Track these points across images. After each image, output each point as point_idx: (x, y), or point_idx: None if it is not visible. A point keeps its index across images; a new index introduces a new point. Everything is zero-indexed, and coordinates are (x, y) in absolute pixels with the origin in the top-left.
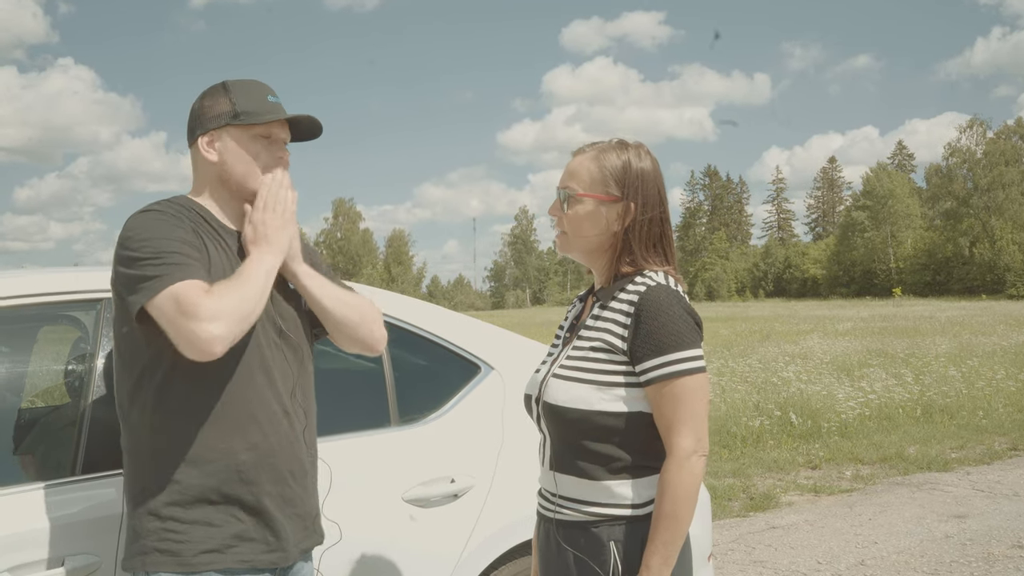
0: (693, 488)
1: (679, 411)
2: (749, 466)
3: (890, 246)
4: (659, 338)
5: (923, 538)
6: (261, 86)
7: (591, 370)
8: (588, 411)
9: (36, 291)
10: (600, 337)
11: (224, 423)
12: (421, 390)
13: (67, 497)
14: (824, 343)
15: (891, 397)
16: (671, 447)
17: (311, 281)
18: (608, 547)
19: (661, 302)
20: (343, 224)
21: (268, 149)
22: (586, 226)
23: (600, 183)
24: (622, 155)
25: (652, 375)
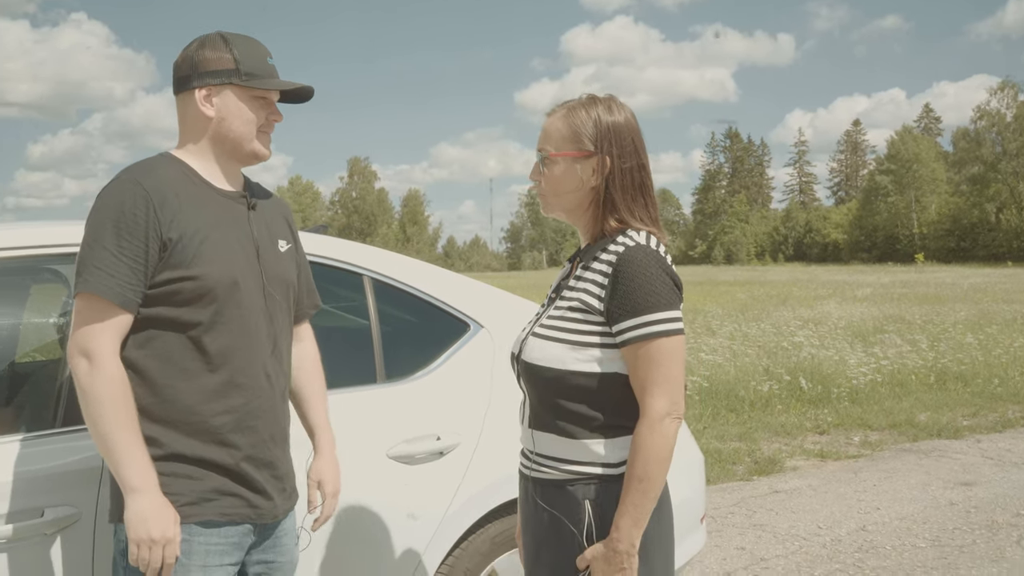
0: (665, 451)
1: (653, 373)
2: (756, 430)
3: (914, 211)
4: (635, 299)
5: (927, 504)
6: (260, 46)
7: (567, 330)
8: (562, 370)
9: (23, 243)
10: (578, 297)
11: (206, 387)
12: (409, 347)
13: (46, 449)
14: (841, 308)
15: (904, 363)
16: (645, 409)
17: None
18: (583, 505)
19: (639, 262)
20: (358, 183)
21: (264, 110)
22: (563, 184)
23: (571, 140)
24: (592, 110)
25: (627, 336)
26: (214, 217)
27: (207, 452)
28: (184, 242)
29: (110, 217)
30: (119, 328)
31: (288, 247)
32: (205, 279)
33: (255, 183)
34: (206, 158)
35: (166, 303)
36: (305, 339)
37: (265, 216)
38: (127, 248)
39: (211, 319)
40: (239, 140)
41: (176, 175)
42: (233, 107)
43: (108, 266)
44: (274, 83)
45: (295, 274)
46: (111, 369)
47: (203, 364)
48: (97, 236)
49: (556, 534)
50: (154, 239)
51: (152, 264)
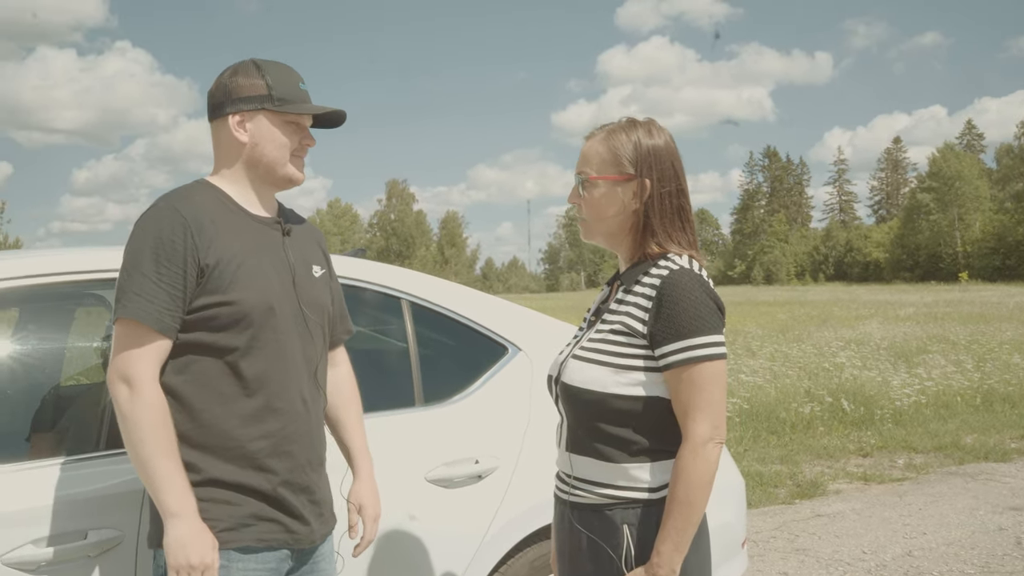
0: (708, 475)
1: (696, 397)
2: (797, 453)
3: (957, 229)
4: (680, 322)
5: (975, 530)
6: (292, 71)
7: (610, 352)
8: (604, 393)
9: (69, 269)
10: (620, 320)
11: (243, 412)
12: (447, 371)
13: (91, 472)
14: (883, 328)
15: (949, 384)
16: (687, 433)
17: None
18: (621, 530)
19: (684, 285)
20: (397, 205)
21: (297, 135)
22: (604, 208)
23: (612, 163)
24: (632, 133)
25: (671, 359)
26: (250, 243)
27: (245, 477)
28: (221, 268)
29: (148, 244)
30: (158, 354)
31: (322, 272)
32: (241, 304)
33: (289, 209)
34: (241, 184)
35: (203, 328)
36: (340, 363)
37: (299, 242)
38: (165, 274)
39: (247, 344)
40: (272, 165)
41: (212, 201)
42: (266, 132)
43: (147, 292)
44: (306, 108)
45: (329, 299)
46: (151, 395)
47: (240, 389)
48: (136, 263)
49: (594, 559)
50: (192, 265)
51: (190, 290)
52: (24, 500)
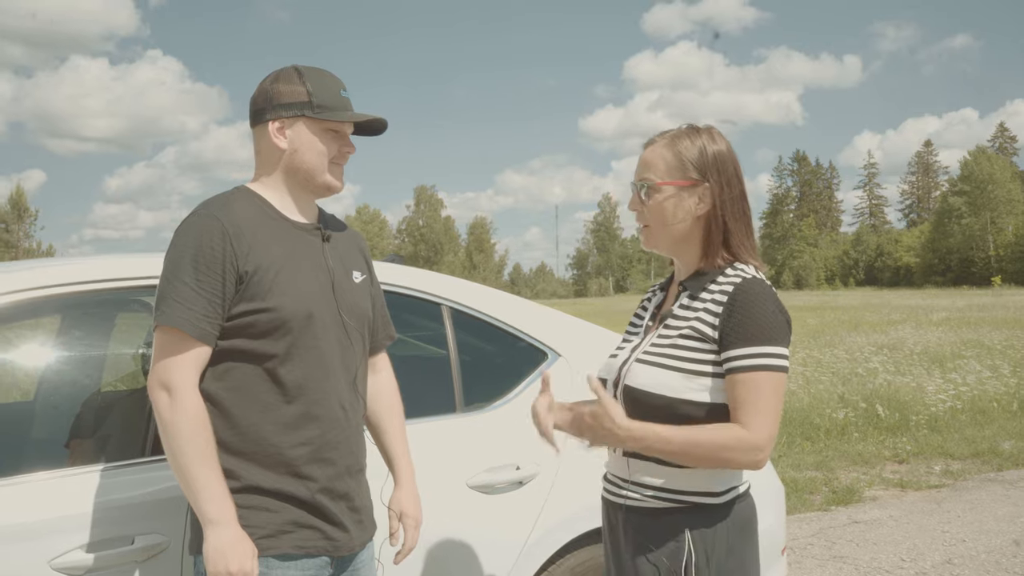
0: (732, 465)
1: (758, 402)
2: (832, 459)
3: (990, 233)
4: (749, 329)
5: (1016, 538)
6: (334, 78)
7: (680, 357)
8: (673, 398)
9: (117, 276)
10: (690, 325)
11: (282, 418)
12: (487, 376)
13: (137, 478)
14: (916, 333)
15: (985, 390)
16: (748, 431)
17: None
18: (683, 534)
19: (757, 294)
20: (425, 211)
21: (337, 142)
22: (669, 214)
23: (678, 169)
24: (696, 139)
25: (735, 364)
26: (289, 249)
27: (284, 484)
28: (260, 275)
29: (188, 251)
30: (198, 361)
31: (363, 278)
32: (280, 311)
33: (330, 215)
34: (280, 190)
35: (242, 335)
36: (382, 370)
37: (340, 248)
38: (205, 282)
39: (286, 351)
40: (311, 172)
41: (252, 208)
42: (305, 139)
43: (186, 299)
44: (346, 115)
45: (370, 305)
46: (191, 402)
47: (279, 396)
48: (176, 270)
49: (653, 563)
50: (231, 272)
51: (229, 297)
52: (72, 506)
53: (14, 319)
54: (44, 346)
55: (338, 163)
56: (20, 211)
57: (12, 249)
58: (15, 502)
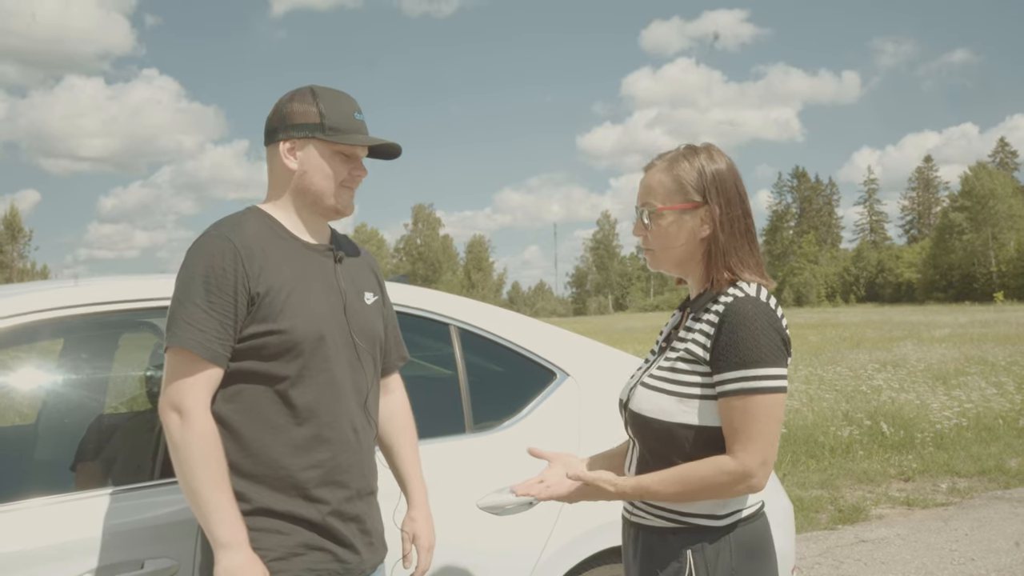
0: (730, 497)
1: (749, 427)
2: (837, 477)
3: (991, 248)
4: (739, 351)
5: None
6: (349, 100)
7: (675, 381)
8: (669, 423)
9: (118, 298)
10: (685, 347)
11: (293, 441)
12: (496, 397)
13: (146, 501)
14: (919, 350)
15: (990, 407)
16: (736, 459)
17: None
18: (685, 555)
19: (746, 314)
20: (423, 230)
21: (347, 166)
22: (672, 238)
23: (678, 192)
24: (694, 160)
25: (726, 388)
26: (300, 271)
27: (294, 507)
28: (271, 296)
29: (199, 273)
30: (209, 383)
31: (375, 299)
32: (291, 333)
33: (342, 236)
34: (290, 211)
35: (253, 357)
36: (394, 390)
37: (352, 269)
38: (216, 303)
39: (298, 373)
40: (319, 194)
41: (263, 229)
42: (315, 161)
43: (198, 321)
44: (357, 139)
45: (382, 327)
46: (202, 424)
47: (290, 418)
48: (187, 292)
49: None
50: (242, 293)
51: (241, 318)
52: (80, 530)
53: (16, 343)
54: (46, 369)
55: (348, 186)
56: (14, 231)
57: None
58: (23, 527)
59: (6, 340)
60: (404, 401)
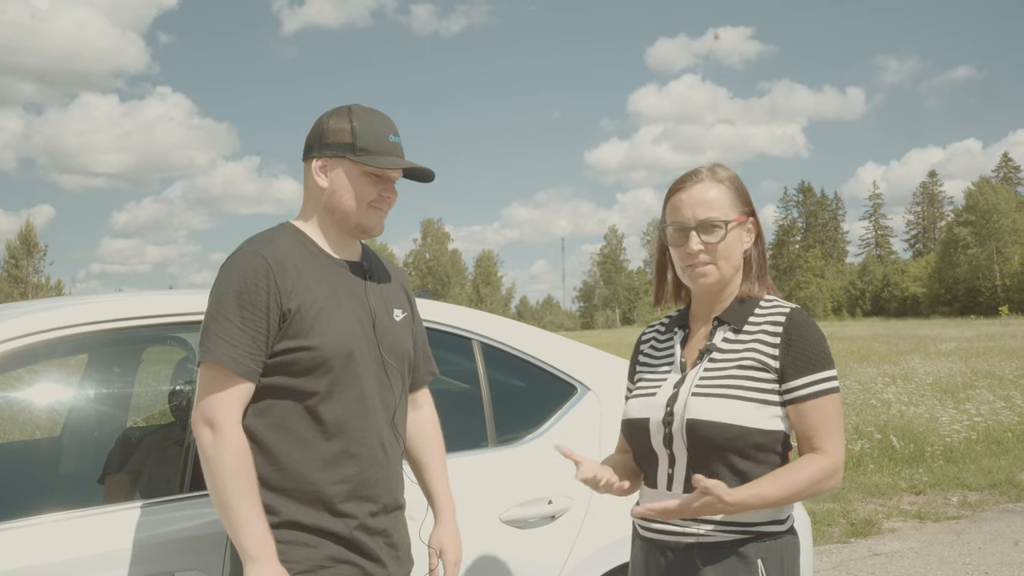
0: (825, 491)
1: (832, 424)
2: (849, 490)
3: (996, 263)
4: (810, 358)
5: None
6: (385, 122)
7: (745, 387)
8: (748, 427)
9: (143, 313)
10: (747, 356)
11: (322, 456)
12: (518, 411)
13: (176, 515)
14: (926, 364)
15: (999, 420)
16: (827, 452)
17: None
18: (756, 564)
19: (809, 323)
20: (432, 245)
21: (377, 187)
22: (735, 250)
23: (734, 206)
24: (729, 174)
25: (801, 392)
26: (331, 287)
27: (322, 520)
28: (302, 312)
29: (233, 288)
30: (241, 397)
31: (404, 316)
32: (322, 349)
33: (373, 252)
34: (322, 228)
35: (283, 373)
36: (423, 405)
37: (382, 285)
38: (249, 319)
39: (327, 389)
40: (347, 213)
41: (295, 245)
42: (344, 181)
43: (231, 336)
44: (386, 161)
45: (411, 343)
46: (234, 438)
47: (319, 433)
48: (220, 307)
49: None
50: (275, 310)
51: (273, 334)
52: (112, 542)
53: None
54: (72, 385)
55: (377, 207)
56: (29, 246)
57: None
58: (55, 538)
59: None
60: (433, 416)
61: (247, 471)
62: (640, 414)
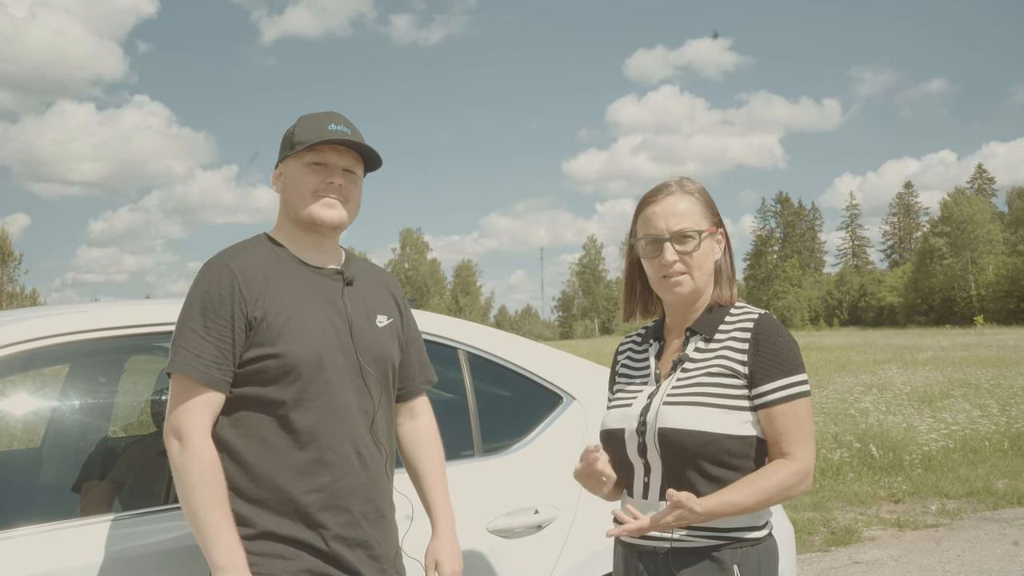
0: (795, 495)
1: (802, 428)
2: (829, 499)
3: (971, 273)
4: (778, 362)
5: (1016, 575)
6: (328, 115)
7: (715, 394)
8: (717, 434)
9: (126, 323)
10: (717, 363)
11: (295, 465)
12: (504, 420)
13: (159, 526)
14: (903, 373)
15: (976, 429)
16: (796, 457)
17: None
18: (732, 570)
19: (778, 327)
20: (411, 254)
21: (318, 175)
22: (708, 261)
23: (705, 217)
24: (699, 186)
25: (771, 397)
26: (303, 295)
27: (297, 531)
28: (268, 320)
29: (197, 299)
30: (209, 407)
31: (389, 322)
32: (289, 356)
33: (361, 259)
34: (290, 234)
35: (253, 382)
36: (421, 413)
37: (364, 291)
38: (213, 328)
39: (297, 397)
40: (295, 208)
41: (267, 255)
42: (291, 178)
43: (195, 347)
44: (311, 141)
45: (395, 349)
46: (200, 448)
47: (291, 442)
48: (186, 318)
49: None
50: (240, 319)
51: (239, 343)
52: (93, 554)
53: (22, 369)
54: (52, 396)
55: (322, 195)
56: (4, 255)
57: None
58: (36, 551)
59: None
60: (431, 425)
61: (216, 481)
62: (616, 424)
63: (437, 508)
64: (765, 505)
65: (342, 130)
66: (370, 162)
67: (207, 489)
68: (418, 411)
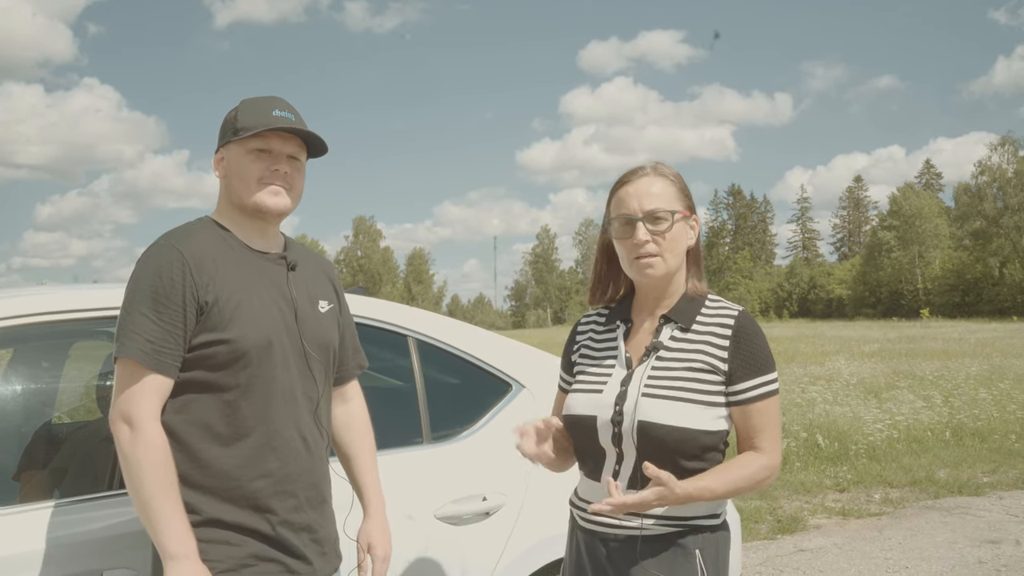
0: (762, 487)
1: (772, 426)
2: (775, 488)
3: (918, 266)
4: (757, 361)
5: (955, 563)
6: (272, 101)
7: (695, 390)
8: (696, 430)
9: (72, 307)
10: (697, 358)
11: (242, 452)
12: (453, 408)
13: (104, 512)
14: (850, 364)
15: (919, 419)
16: (768, 454)
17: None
18: (694, 555)
19: (756, 326)
20: (363, 242)
21: (263, 162)
22: (680, 244)
23: (678, 200)
24: (674, 171)
25: (749, 395)
26: (250, 279)
27: (244, 518)
28: (220, 305)
29: (147, 282)
30: (159, 393)
31: (330, 307)
32: (240, 342)
33: (298, 244)
34: (234, 219)
35: (202, 367)
36: (352, 398)
37: (305, 276)
38: (164, 313)
39: (246, 382)
40: (240, 195)
41: (214, 238)
42: (233, 164)
43: (145, 331)
44: (256, 128)
45: (336, 335)
46: (151, 435)
47: (239, 428)
48: (135, 302)
49: None
50: (191, 303)
51: (190, 328)
52: (38, 541)
53: None
54: None
55: (268, 182)
56: None
57: None
58: None
59: None
60: (362, 409)
61: (166, 468)
62: (586, 411)
63: (368, 492)
64: (735, 494)
65: (287, 116)
66: (314, 149)
67: (158, 476)
68: (350, 396)
